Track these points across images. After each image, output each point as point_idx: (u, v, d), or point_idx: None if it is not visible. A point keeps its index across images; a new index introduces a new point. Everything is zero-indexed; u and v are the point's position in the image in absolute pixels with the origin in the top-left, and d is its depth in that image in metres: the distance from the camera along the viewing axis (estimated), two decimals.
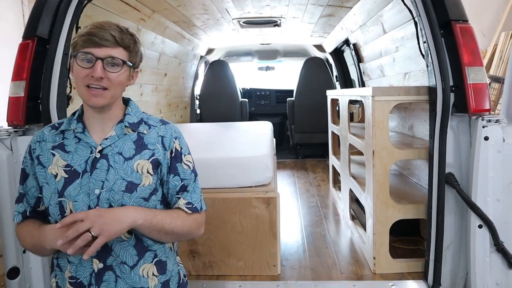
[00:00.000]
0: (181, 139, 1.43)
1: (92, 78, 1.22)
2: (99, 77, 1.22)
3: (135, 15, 3.02)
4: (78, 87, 1.26)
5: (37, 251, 1.35)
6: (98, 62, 1.22)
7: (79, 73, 1.24)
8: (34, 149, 1.33)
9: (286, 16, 3.76)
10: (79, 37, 1.24)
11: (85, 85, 1.24)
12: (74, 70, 1.26)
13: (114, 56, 1.24)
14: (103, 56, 1.23)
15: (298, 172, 4.92)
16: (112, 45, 1.24)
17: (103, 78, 1.23)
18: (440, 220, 2.01)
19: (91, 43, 1.22)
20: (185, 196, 1.38)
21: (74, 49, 1.25)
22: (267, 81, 7.16)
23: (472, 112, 1.88)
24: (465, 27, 1.91)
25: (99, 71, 1.22)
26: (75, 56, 1.23)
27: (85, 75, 1.23)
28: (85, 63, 1.23)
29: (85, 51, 1.22)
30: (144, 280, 1.31)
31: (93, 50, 1.22)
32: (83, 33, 1.24)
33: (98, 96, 1.25)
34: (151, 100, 4.03)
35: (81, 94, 1.26)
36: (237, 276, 2.28)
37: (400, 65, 3.04)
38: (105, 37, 1.22)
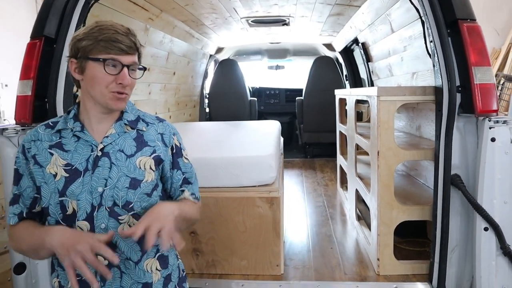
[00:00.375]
0: (178, 135, 1.47)
1: (119, 84, 1.24)
2: (128, 84, 1.25)
3: (143, 14, 3.04)
4: (99, 91, 1.25)
5: (32, 253, 1.33)
6: (125, 69, 1.23)
7: (104, 79, 1.23)
8: (29, 148, 1.31)
9: (295, 15, 3.75)
10: (95, 40, 1.22)
11: (110, 91, 1.25)
12: (96, 75, 1.24)
13: (136, 62, 1.27)
14: (129, 63, 1.24)
15: (306, 172, 4.90)
16: (133, 51, 1.26)
17: (129, 84, 1.26)
18: (445, 222, 1.99)
19: (118, 50, 1.22)
20: (189, 188, 1.44)
21: (89, 53, 1.23)
22: (277, 80, 7.15)
23: (479, 113, 1.85)
24: (473, 26, 1.88)
25: (128, 77, 1.24)
26: (103, 62, 1.22)
27: (112, 81, 1.24)
28: (112, 69, 1.23)
29: (113, 58, 1.22)
30: (148, 275, 1.33)
31: (121, 58, 1.23)
32: (103, 38, 1.22)
33: (121, 101, 1.27)
34: (160, 99, 4.05)
35: (102, 97, 1.26)
36: (240, 275, 2.28)
37: (408, 64, 3.00)
38: (128, 44, 1.24)
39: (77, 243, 1.13)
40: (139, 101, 3.52)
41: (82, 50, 1.24)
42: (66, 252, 1.13)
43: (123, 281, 1.30)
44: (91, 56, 1.23)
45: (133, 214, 1.30)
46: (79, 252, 1.11)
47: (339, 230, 2.99)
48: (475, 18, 1.91)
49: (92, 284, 1.13)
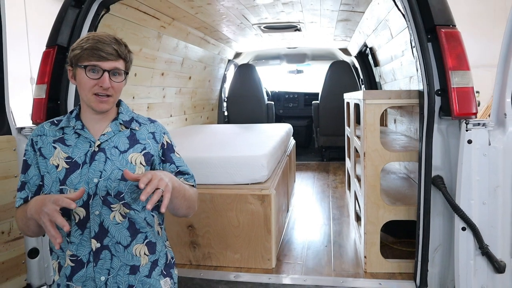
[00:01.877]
0: (168, 134, 1.63)
1: (100, 87, 1.41)
2: (108, 87, 1.42)
3: (155, 23, 3.25)
4: (85, 94, 1.44)
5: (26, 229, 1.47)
6: (105, 73, 1.41)
7: (87, 83, 1.42)
8: (36, 142, 1.51)
9: (304, 21, 3.86)
10: (82, 50, 1.40)
11: (93, 93, 1.43)
12: (81, 79, 1.43)
13: (118, 67, 1.44)
14: (109, 68, 1.42)
15: (319, 174, 4.98)
16: (115, 58, 1.42)
17: (109, 87, 1.42)
18: (426, 222, 2.04)
19: (97, 57, 1.40)
20: (185, 178, 1.60)
21: (78, 61, 1.42)
22: (296, 84, 7.25)
23: (455, 116, 1.90)
24: (451, 32, 1.94)
25: (107, 81, 1.41)
26: (85, 68, 1.41)
27: (93, 84, 1.42)
28: (93, 74, 1.41)
29: (93, 64, 1.40)
30: (136, 258, 1.49)
31: (100, 64, 1.40)
32: (87, 47, 1.40)
33: (104, 103, 1.45)
34: (175, 102, 4.26)
35: (88, 100, 1.45)
36: (233, 268, 2.42)
37: (406, 69, 3.06)
38: (109, 51, 1.41)
39: (43, 205, 1.27)
40: (153, 104, 3.74)
41: (74, 59, 1.44)
42: (38, 215, 1.28)
43: (113, 263, 1.46)
44: (79, 64, 1.42)
45: (123, 203, 1.46)
46: (45, 213, 1.25)
47: (338, 230, 3.06)
48: (454, 24, 1.96)
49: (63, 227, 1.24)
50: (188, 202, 1.54)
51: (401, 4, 2.09)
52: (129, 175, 1.33)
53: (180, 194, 1.46)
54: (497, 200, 1.91)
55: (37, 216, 1.29)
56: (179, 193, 1.44)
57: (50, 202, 1.26)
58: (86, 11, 2.31)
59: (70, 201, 1.25)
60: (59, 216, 1.24)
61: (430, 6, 1.94)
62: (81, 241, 1.45)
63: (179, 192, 1.45)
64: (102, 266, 1.45)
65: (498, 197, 1.91)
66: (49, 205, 1.26)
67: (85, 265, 1.45)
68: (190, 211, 1.61)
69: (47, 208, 1.25)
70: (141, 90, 3.48)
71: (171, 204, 1.47)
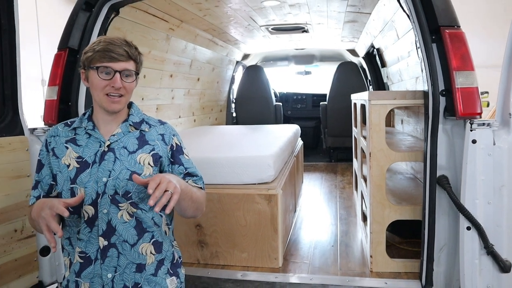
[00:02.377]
0: (177, 136, 1.68)
1: (112, 88, 1.47)
2: (119, 87, 1.47)
3: (164, 25, 3.30)
4: (97, 94, 1.50)
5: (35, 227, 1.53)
6: (117, 74, 1.46)
7: (99, 84, 1.47)
8: (49, 142, 1.57)
9: (311, 22, 3.89)
10: (94, 52, 1.46)
11: (105, 94, 1.48)
12: (93, 81, 1.49)
13: (129, 68, 1.49)
14: (120, 69, 1.47)
15: (327, 175, 5.00)
16: (126, 59, 1.48)
17: (121, 87, 1.47)
18: (431, 221, 2.06)
19: (109, 58, 1.45)
20: (193, 179, 1.64)
21: (90, 63, 1.48)
22: (304, 85, 7.27)
23: (460, 116, 1.91)
24: (455, 32, 1.95)
25: (118, 82, 1.46)
26: (97, 69, 1.46)
27: (105, 85, 1.47)
28: (105, 75, 1.46)
29: (105, 65, 1.45)
30: (142, 257, 1.53)
31: (112, 65, 1.46)
32: (99, 49, 1.46)
33: (116, 103, 1.50)
34: (184, 103, 4.31)
35: (100, 100, 1.50)
36: (240, 267, 2.45)
37: (412, 69, 3.07)
38: (120, 53, 1.46)
39: (42, 210, 1.33)
40: (162, 105, 3.79)
41: (86, 61, 1.50)
42: (37, 219, 1.35)
43: (120, 261, 1.50)
44: (91, 65, 1.48)
45: (131, 202, 1.51)
46: (43, 217, 1.31)
47: (345, 230, 3.08)
48: (459, 24, 1.98)
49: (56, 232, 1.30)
50: (195, 204, 1.57)
51: (406, 5, 2.11)
52: (138, 180, 1.37)
53: (188, 196, 1.50)
54: (502, 200, 1.91)
55: (37, 219, 1.36)
56: (186, 195, 1.48)
57: (47, 208, 1.31)
58: (97, 14, 2.36)
59: (64, 209, 1.30)
60: (53, 222, 1.29)
61: (434, 7, 1.95)
62: (89, 238, 1.49)
63: (187, 194, 1.48)
64: (109, 264, 1.49)
65: (503, 197, 1.91)
66: (46, 210, 1.31)
67: (93, 262, 1.49)
68: (198, 212, 1.64)
69: (44, 212, 1.31)
70: (150, 92, 3.54)
71: (179, 206, 1.51)
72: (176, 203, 1.44)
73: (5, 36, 2.06)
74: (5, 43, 2.06)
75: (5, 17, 2.03)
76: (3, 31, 2.05)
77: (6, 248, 2.01)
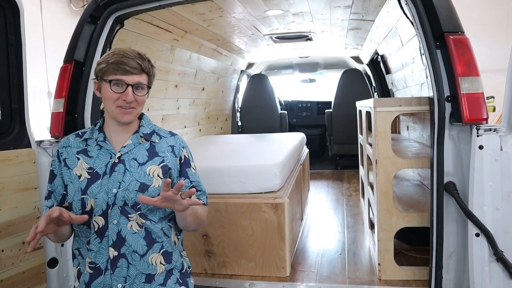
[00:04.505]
0: (187, 148, 1.69)
1: (124, 101, 1.48)
2: (131, 100, 1.48)
3: (168, 36, 3.33)
4: (109, 106, 1.51)
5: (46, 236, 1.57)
6: (129, 88, 1.48)
7: (111, 96, 1.49)
8: (61, 153, 1.58)
9: (315, 30, 3.90)
10: (107, 64, 1.47)
11: (117, 106, 1.49)
12: (106, 93, 1.50)
13: (141, 82, 1.51)
14: (133, 83, 1.48)
15: (334, 183, 4.98)
16: (138, 72, 1.49)
17: (132, 100, 1.49)
18: (439, 228, 2.04)
19: (122, 71, 1.47)
20: (197, 195, 1.65)
21: (103, 75, 1.49)
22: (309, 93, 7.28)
23: (466, 122, 1.90)
24: (460, 38, 1.95)
25: (130, 95, 1.48)
26: (110, 82, 1.47)
27: (117, 98, 1.48)
28: (117, 88, 1.48)
29: (118, 78, 1.47)
30: (152, 267, 1.53)
31: (124, 78, 1.47)
32: (113, 61, 1.47)
33: (128, 114, 1.51)
34: (189, 113, 4.33)
35: (112, 112, 1.52)
36: (248, 276, 2.44)
37: (417, 75, 3.06)
38: (133, 66, 1.47)
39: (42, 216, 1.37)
40: (168, 115, 3.81)
41: (100, 72, 1.51)
42: None
43: (129, 271, 1.51)
44: (104, 77, 1.49)
45: (140, 213, 1.51)
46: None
47: (352, 238, 3.06)
48: (463, 30, 1.98)
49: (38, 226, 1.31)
50: (198, 220, 1.60)
51: (409, 12, 2.11)
52: (144, 200, 1.39)
53: (193, 212, 1.53)
54: (511, 205, 1.89)
55: None
56: (192, 211, 1.51)
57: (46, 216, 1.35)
58: (102, 26, 2.39)
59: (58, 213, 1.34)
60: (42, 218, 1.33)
61: (438, 14, 1.96)
62: (99, 249, 1.50)
63: (192, 210, 1.52)
64: (119, 274, 1.50)
65: (511, 202, 1.90)
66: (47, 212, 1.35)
67: (103, 272, 1.49)
68: (199, 227, 1.67)
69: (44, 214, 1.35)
70: (156, 102, 3.56)
71: (184, 221, 1.55)
72: (182, 218, 1.52)
73: (11, 50, 2.08)
74: (12, 57, 2.09)
75: (12, 31, 2.06)
76: (10, 46, 2.07)
77: (14, 261, 2.01)
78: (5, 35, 2.05)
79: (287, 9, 3.09)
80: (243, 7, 2.99)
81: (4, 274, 1.97)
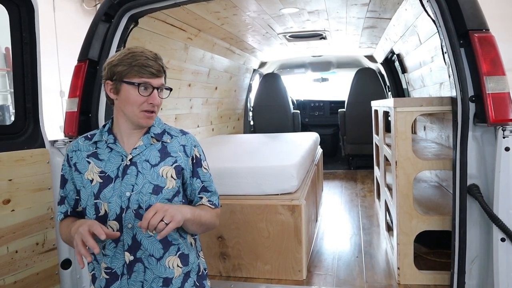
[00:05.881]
0: (199, 147, 1.63)
1: (151, 104, 1.44)
2: (158, 103, 1.45)
3: (182, 35, 3.30)
4: (132, 110, 1.45)
5: (69, 242, 1.54)
6: (155, 91, 1.44)
7: (137, 100, 1.43)
8: (71, 157, 1.54)
9: (329, 29, 3.84)
10: (129, 66, 1.41)
11: (141, 110, 1.44)
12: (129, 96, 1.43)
13: (164, 83, 1.48)
14: (158, 85, 1.45)
15: (347, 183, 4.92)
16: (161, 74, 1.46)
17: (159, 104, 1.46)
18: (462, 232, 1.97)
19: (149, 74, 1.42)
20: (207, 196, 1.60)
21: (123, 77, 1.42)
22: (321, 93, 7.21)
23: (491, 122, 1.84)
24: (485, 36, 1.88)
25: (157, 98, 1.45)
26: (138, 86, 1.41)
27: (143, 101, 1.43)
28: (144, 91, 1.43)
29: (146, 81, 1.42)
30: (169, 271, 1.50)
31: (152, 81, 1.43)
32: (136, 63, 1.41)
33: (150, 118, 1.48)
34: (202, 113, 4.30)
35: (134, 116, 1.46)
36: (264, 279, 2.40)
37: (436, 75, 2.99)
38: (157, 68, 1.43)
39: (80, 226, 1.33)
40: (181, 115, 3.78)
41: (118, 74, 1.43)
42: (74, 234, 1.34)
43: (146, 275, 1.47)
44: (126, 80, 1.42)
45: None
46: (80, 232, 1.30)
47: (369, 240, 3.00)
48: (488, 28, 1.91)
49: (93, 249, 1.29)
50: (204, 227, 1.55)
51: (431, 10, 2.04)
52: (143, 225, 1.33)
53: (195, 222, 1.48)
54: None
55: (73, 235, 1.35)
56: (193, 221, 1.47)
57: (86, 225, 1.31)
58: (116, 25, 2.36)
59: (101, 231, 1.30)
60: (90, 239, 1.29)
61: (462, 11, 1.89)
62: (115, 253, 1.47)
63: (194, 221, 1.47)
64: (135, 279, 1.46)
65: None
66: (84, 227, 1.31)
67: (119, 277, 1.46)
68: (208, 231, 1.64)
69: (82, 228, 1.30)
70: (169, 102, 3.53)
71: (188, 230, 1.53)
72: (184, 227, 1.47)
73: (26, 49, 2.06)
74: (27, 56, 2.07)
75: (26, 30, 2.04)
76: (25, 44, 2.05)
77: (28, 262, 2.00)
78: (20, 34, 2.03)
79: (303, 7, 3.04)
80: (258, 5, 2.94)
81: (18, 275, 1.95)
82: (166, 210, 1.31)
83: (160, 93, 1.46)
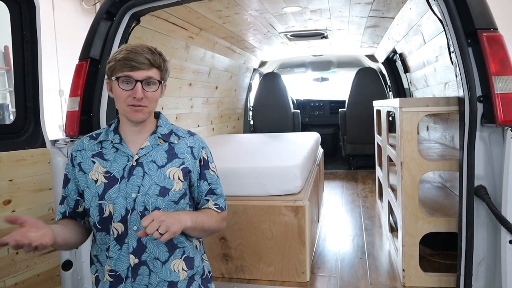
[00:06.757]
0: (206, 149, 1.60)
1: (134, 98, 1.39)
2: (140, 97, 1.39)
3: (183, 33, 3.26)
4: (120, 105, 1.43)
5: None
6: (138, 84, 1.38)
7: (121, 94, 1.40)
8: (75, 157, 1.50)
9: (331, 28, 3.82)
10: (115, 61, 1.39)
11: (127, 105, 1.41)
12: (115, 91, 1.42)
13: (151, 76, 1.41)
14: (142, 78, 1.39)
15: (348, 183, 4.89)
16: (147, 67, 1.40)
17: (142, 97, 1.40)
18: (469, 234, 1.95)
19: (129, 67, 1.38)
20: (214, 199, 1.57)
21: (112, 73, 1.41)
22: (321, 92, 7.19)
23: (500, 123, 1.81)
24: (493, 35, 1.86)
25: (139, 92, 1.38)
26: (117, 80, 1.39)
27: (127, 96, 1.39)
28: (126, 85, 1.39)
29: (126, 75, 1.38)
30: (174, 274, 1.46)
31: (132, 74, 1.38)
32: (120, 58, 1.39)
33: (139, 112, 1.42)
34: (202, 112, 4.26)
35: (123, 111, 1.44)
36: (267, 281, 2.37)
37: (440, 74, 2.97)
38: (141, 61, 1.38)
39: None
40: (181, 114, 3.74)
41: (109, 71, 1.43)
42: None
43: (151, 279, 1.44)
44: (113, 76, 1.41)
45: None
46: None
47: (372, 241, 2.98)
48: (496, 27, 1.88)
49: None
50: (207, 232, 1.54)
51: (438, 9, 2.02)
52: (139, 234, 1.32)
53: (197, 229, 1.45)
54: None
55: None
56: (195, 228, 1.44)
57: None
58: (118, 23, 2.32)
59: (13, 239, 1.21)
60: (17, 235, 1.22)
61: (470, 10, 1.86)
62: (119, 256, 1.43)
63: (195, 228, 1.44)
64: (140, 282, 1.43)
65: None
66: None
67: (123, 280, 1.43)
68: (213, 234, 1.64)
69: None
70: (170, 101, 3.50)
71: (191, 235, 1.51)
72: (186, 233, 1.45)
73: (27, 47, 2.02)
74: (27, 54, 2.02)
75: (28, 28, 2.00)
76: (26, 42, 2.02)
77: (28, 263, 1.96)
78: (21, 32, 1.99)
79: (305, 5, 3.01)
80: (260, 4, 2.92)
81: (19, 277, 1.91)
82: (163, 220, 1.28)
83: (146, 86, 1.41)
